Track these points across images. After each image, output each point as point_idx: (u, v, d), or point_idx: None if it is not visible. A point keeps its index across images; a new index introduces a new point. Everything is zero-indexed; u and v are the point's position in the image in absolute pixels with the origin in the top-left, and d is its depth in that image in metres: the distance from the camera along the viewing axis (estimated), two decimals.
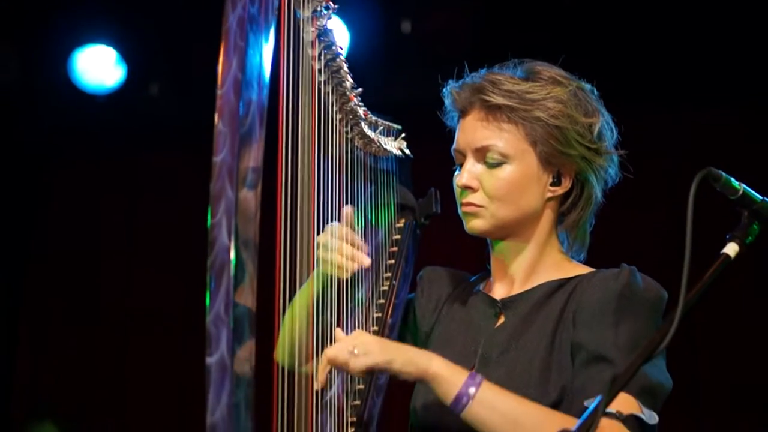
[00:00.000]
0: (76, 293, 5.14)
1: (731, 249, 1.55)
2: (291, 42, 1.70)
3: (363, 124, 2.07)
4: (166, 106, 4.92)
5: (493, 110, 1.97)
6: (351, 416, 1.94)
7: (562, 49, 2.13)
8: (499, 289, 2.04)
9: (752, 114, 4.42)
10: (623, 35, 4.35)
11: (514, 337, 1.95)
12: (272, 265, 1.66)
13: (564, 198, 2.02)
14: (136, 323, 5.07)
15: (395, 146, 2.21)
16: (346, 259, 1.99)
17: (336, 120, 1.99)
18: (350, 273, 1.99)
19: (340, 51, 1.92)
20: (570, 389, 1.85)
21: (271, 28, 1.55)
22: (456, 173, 2.02)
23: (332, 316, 1.96)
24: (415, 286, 2.17)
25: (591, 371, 1.83)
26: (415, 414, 2.01)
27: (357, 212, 2.03)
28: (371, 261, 2.04)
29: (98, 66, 4.73)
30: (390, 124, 2.18)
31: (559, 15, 4.35)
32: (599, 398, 1.43)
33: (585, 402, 1.79)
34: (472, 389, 1.79)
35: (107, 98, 4.82)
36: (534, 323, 1.94)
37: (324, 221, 1.93)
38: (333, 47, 1.90)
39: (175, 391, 4.88)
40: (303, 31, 1.84)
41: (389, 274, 2.14)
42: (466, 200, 1.98)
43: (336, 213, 1.97)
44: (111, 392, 5.03)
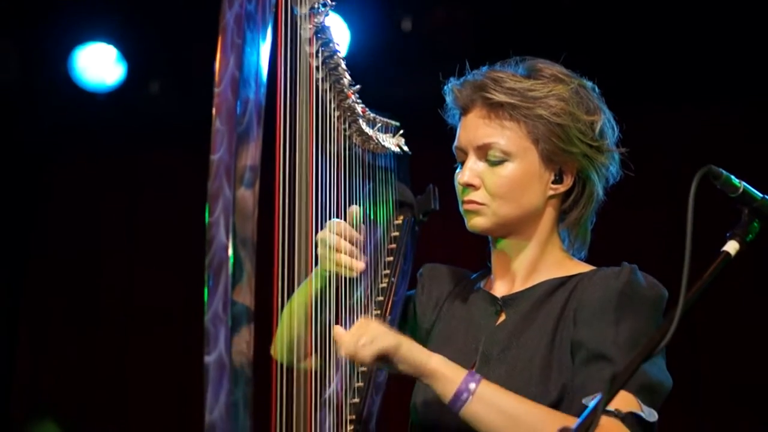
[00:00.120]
0: (76, 293, 5.13)
1: (732, 247, 1.55)
2: (288, 39, 1.70)
3: (361, 121, 2.07)
4: (167, 104, 4.91)
5: (495, 108, 1.96)
6: (350, 414, 1.94)
7: (563, 48, 2.12)
8: (500, 287, 2.03)
9: (753, 112, 4.41)
10: (624, 33, 4.34)
11: (515, 335, 1.94)
12: (270, 264, 1.65)
13: (565, 196, 2.01)
14: (136, 322, 5.07)
15: (393, 143, 2.20)
16: (345, 256, 1.98)
17: (334, 117, 1.98)
18: (348, 271, 1.99)
19: (338, 48, 1.91)
20: (570, 388, 1.85)
21: (269, 26, 1.55)
22: (457, 171, 2.01)
23: (331, 314, 1.95)
24: (415, 283, 2.17)
25: (591, 370, 1.83)
26: (416, 411, 2.00)
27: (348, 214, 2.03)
28: (370, 258, 2.04)
29: (98, 64, 4.73)
30: (388, 121, 2.17)
31: (560, 13, 4.34)
32: (599, 396, 1.43)
33: (584, 400, 1.79)
34: (472, 385, 1.79)
35: (107, 96, 4.81)
36: (535, 321, 1.94)
37: (322, 219, 1.92)
38: (330, 44, 1.89)
39: (175, 391, 4.88)
40: (300, 29, 1.84)
41: (388, 272, 2.13)
42: (468, 198, 1.98)
43: (334, 211, 1.96)
44: (111, 392, 5.03)
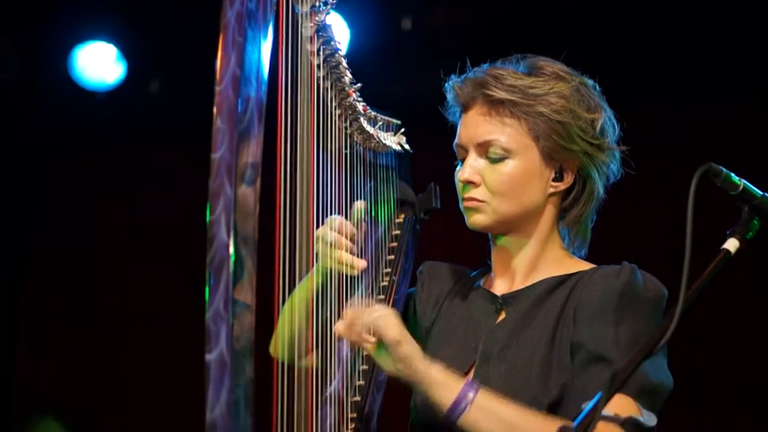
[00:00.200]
0: (76, 292, 5.13)
1: (732, 245, 1.55)
2: (289, 38, 1.70)
3: (362, 120, 2.06)
4: (167, 103, 4.91)
5: (496, 105, 1.96)
6: (351, 412, 1.94)
7: (563, 45, 2.12)
8: (500, 285, 2.03)
9: (753, 110, 4.41)
10: (624, 32, 4.34)
11: (515, 334, 1.94)
12: (271, 262, 1.65)
13: (566, 194, 2.01)
14: (137, 321, 5.07)
15: (395, 141, 2.20)
16: (345, 254, 1.98)
17: (335, 115, 1.98)
18: (348, 268, 1.98)
19: (339, 46, 1.91)
20: (570, 388, 1.84)
21: (270, 24, 1.55)
22: (458, 168, 2.01)
23: (332, 312, 1.95)
24: (415, 281, 2.17)
25: (591, 372, 1.82)
26: (416, 410, 2.00)
27: (353, 207, 2.03)
28: (371, 256, 2.04)
29: (98, 63, 4.72)
30: (389, 119, 2.17)
31: (560, 11, 4.34)
32: (599, 395, 1.43)
33: (583, 405, 1.78)
34: (471, 394, 1.79)
35: (107, 95, 4.81)
36: (535, 319, 1.94)
37: (323, 217, 1.92)
38: (332, 42, 1.89)
39: (176, 389, 4.88)
40: (301, 27, 1.84)
41: (389, 270, 2.13)
42: (468, 195, 1.98)
43: (335, 209, 1.96)
44: (111, 392, 5.03)
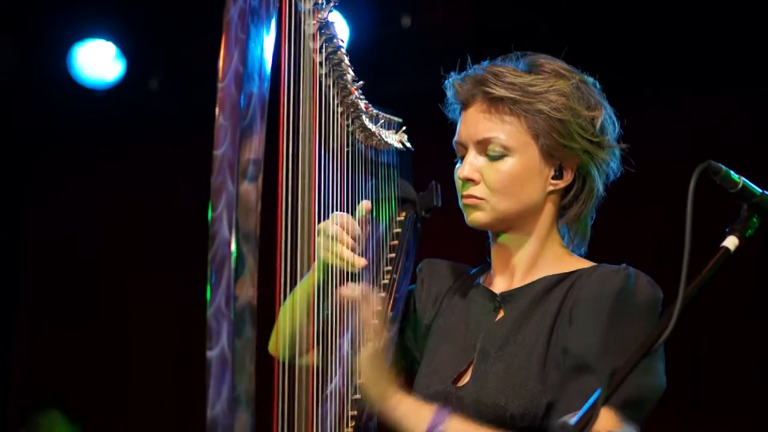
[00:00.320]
0: (76, 292, 5.13)
1: (731, 242, 1.55)
2: (292, 35, 1.70)
3: (364, 117, 2.07)
4: (166, 101, 4.91)
5: (496, 102, 1.96)
6: (351, 410, 1.94)
7: (563, 43, 2.12)
8: (500, 283, 2.03)
9: (753, 107, 4.41)
10: (625, 29, 4.34)
11: (513, 332, 1.94)
12: (273, 259, 1.65)
13: (565, 191, 2.01)
14: (136, 321, 5.07)
15: (396, 139, 2.20)
16: (347, 250, 1.98)
17: (337, 113, 1.99)
18: (349, 265, 1.98)
19: (341, 44, 1.91)
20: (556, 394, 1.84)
21: (272, 21, 1.55)
22: (457, 166, 2.01)
23: (332, 310, 1.95)
24: (415, 279, 2.17)
25: (573, 384, 1.81)
26: None
27: (358, 206, 2.03)
28: (372, 254, 2.04)
29: (98, 60, 4.73)
30: (391, 117, 2.17)
31: (560, 9, 4.34)
32: (599, 392, 1.43)
33: (561, 419, 1.72)
34: (441, 427, 1.82)
35: (107, 93, 4.81)
36: (533, 318, 1.93)
37: (325, 215, 1.92)
38: (334, 40, 1.89)
39: (177, 387, 4.88)
40: (304, 24, 1.83)
41: (390, 268, 2.13)
42: (467, 193, 1.98)
43: (337, 206, 1.96)
44: (111, 391, 5.03)
